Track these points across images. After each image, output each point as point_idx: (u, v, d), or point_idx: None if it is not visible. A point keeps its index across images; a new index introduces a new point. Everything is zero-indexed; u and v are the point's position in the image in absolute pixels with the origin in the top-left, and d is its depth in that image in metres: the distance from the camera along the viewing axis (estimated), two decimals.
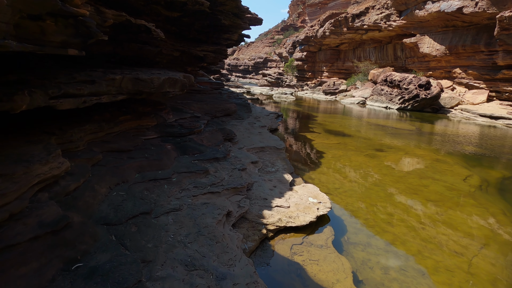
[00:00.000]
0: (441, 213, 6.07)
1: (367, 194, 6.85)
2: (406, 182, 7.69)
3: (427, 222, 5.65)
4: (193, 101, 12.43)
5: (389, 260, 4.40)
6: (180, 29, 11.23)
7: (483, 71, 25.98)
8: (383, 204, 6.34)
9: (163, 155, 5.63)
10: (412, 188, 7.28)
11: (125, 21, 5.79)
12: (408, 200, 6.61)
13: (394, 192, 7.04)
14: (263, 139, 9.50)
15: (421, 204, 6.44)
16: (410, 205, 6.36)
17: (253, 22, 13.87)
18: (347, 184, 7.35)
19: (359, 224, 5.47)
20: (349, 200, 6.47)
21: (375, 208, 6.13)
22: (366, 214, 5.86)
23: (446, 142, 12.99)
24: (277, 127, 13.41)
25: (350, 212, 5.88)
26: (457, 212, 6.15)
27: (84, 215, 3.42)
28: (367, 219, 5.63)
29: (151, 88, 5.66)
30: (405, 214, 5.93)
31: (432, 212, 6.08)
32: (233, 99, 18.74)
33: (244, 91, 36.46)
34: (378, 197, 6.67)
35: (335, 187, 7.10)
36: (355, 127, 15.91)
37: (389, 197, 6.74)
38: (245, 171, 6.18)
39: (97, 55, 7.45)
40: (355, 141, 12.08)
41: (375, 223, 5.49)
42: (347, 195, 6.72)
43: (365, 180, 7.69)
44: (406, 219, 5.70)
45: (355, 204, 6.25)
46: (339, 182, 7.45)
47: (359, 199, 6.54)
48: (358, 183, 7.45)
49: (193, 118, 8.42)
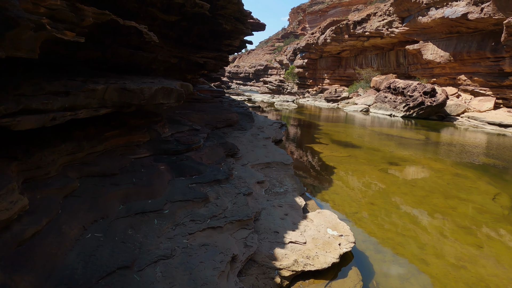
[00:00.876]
0: (480, 244, 5.14)
1: (390, 219, 5.92)
2: (431, 204, 6.77)
3: (467, 258, 4.71)
4: (193, 110, 11.56)
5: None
6: (179, 34, 10.41)
7: (490, 78, 25.19)
8: (411, 233, 5.40)
9: (155, 179, 4.71)
10: (439, 211, 6.35)
11: (111, 22, 4.93)
12: (438, 227, 5.68)
13: (419, 216, 6.11)
14: (269, 153, 8.60)
15: (454, 232, 5.50)
16: (442, 234, 5.42)
17: (255, 27, 13.08)
18: (365, 207, 6.42)
19: (388, 262, 4.54)
20: (371, 228, 5.53)
21: (402, 238, 5.20)
22: (393, 247, 4.92)
23: (461, 154, 12.08)
24: (282, 138, 12.52)
25: (375, 246, 4.94)
26: (498, 243, 5.22)
27: (39, 277, 2.50)
28: (395, 255, 4.70)
29: (141, 100, 4.78)
30: (439, 247, 4.99)
31: (469, 243, 5.15)
32: (235, 108, 17.90)
33: (245, 99, 35.68)
34: (403, 224, 5.74)
35: (352, 211, 6.16)
36: (362, 137, 15.02)
37: (415, 223, 5.80)
38: (251, 196, 5.26)
39: (85, 62, 6.59)
40: (365, 153, 11.17)
41: (405, 261, 4.56)
42: (368, 222, 5.78)
43: (385, 201, 6.76)
44: (441, 254, 4.76)
45: (379, 234, 5.32)
46: (356, 205, 6.51)
47: (382, 226, 5.61)
48: (378, 206, 6.52)
49: (192, 131, 7.53)
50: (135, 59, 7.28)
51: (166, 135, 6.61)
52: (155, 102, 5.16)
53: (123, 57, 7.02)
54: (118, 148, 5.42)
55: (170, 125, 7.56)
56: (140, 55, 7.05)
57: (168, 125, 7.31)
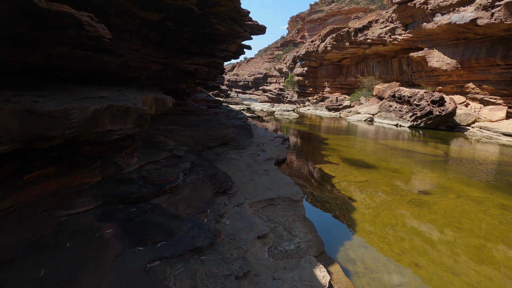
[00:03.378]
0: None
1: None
2: (494, 261, 4.78)
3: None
4: (181, 126, 9.62)
5: None
6: (163, 36, 8.50)
7: (500, 86, 23.35)
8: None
9: (86, 263, 2.74)
10: None
11: (29, 5, 3.01)
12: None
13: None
14: (272, 183, 6.62)
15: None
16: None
17: (255, 30, 11.19)
18: (409, 273, 4.41)
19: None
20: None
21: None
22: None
23: (492, 174, 10.11)
24: (285, 157, 10.53)
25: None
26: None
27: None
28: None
29: (66, 129, 2.83)
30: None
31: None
32: (232, 119, 15.97)
33: (244, 108, 33.79)
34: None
35: (394, 283, 4.16)
36: (375, 153, 13.05)
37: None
38: (248, 278, 3.27)
39: (37, 69, 4.67)
40: (385, 176, 9.20)
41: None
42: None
43: (432, 260, 4.76)
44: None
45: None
46: (395, 269, 4.51)
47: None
48: (425, 269, 4.51)
49: (171, 159, 5.55)
50: (96, 64, 5.35)
51: (131, 168, 4.64)
52: (97, 129, 3.21)
53: (78, 62, 5.10)
54: (46, 199, 3.44)
55: (143, 150, 5.58)
56: (100, 59, 5.12)
57: (139, 152, 5.34)
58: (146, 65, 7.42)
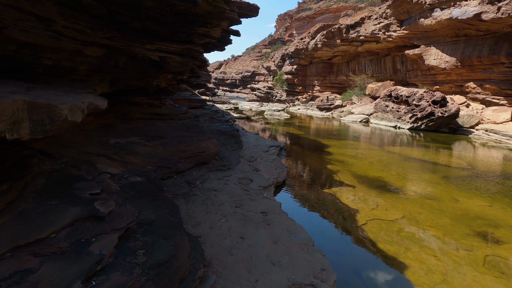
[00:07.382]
0: None
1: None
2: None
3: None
4: (143, 137, 6.65)
5: None
6: (110, 9, 5.50)
7: (504, 86, 21.23)
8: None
9: None
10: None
11: None
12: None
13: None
14: (278, 246, 3.80)
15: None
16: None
17: (244, 10, 8.27)
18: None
19: None
20: None
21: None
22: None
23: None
24: (286, 177, 7.68)
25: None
26: None
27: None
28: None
29: None
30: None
31: None
32: (217, 123, 13.01)
33: (232, 107, 30.80)
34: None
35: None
36: (389, 166, 10.42)
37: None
38: None
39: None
40: (423, 209, 6.51)
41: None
42: None
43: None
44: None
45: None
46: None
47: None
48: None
49: (77, 228, 2.62)
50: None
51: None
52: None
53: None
54: None
55: (25, 207, 2.67)
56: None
57: (11, 215, 2.42)
58: (72, 46, 4.44)
